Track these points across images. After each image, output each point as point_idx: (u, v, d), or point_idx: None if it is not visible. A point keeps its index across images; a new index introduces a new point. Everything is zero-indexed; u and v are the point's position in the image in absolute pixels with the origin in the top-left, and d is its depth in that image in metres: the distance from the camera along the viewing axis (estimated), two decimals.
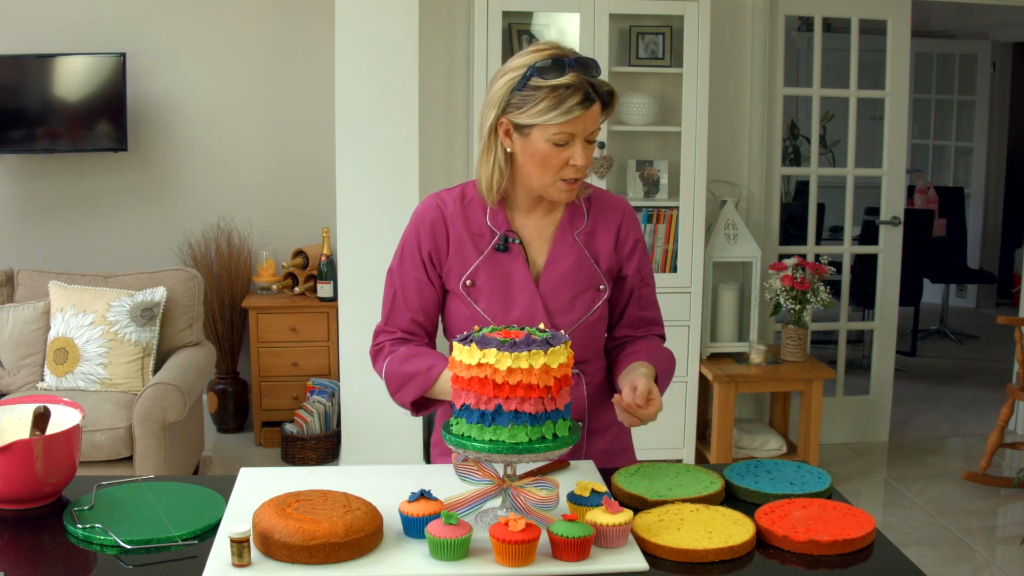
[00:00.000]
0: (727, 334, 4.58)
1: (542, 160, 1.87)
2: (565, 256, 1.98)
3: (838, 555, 1.62)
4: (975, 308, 8.26)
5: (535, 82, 1.83)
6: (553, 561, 1.57)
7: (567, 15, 4.33)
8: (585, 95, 1.82)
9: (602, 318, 2.03)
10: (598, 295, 2.00)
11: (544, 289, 1.96)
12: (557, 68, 1.82)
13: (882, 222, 5.04)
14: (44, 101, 4.72)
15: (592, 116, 1.85)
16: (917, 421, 5.47)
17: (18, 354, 3.98)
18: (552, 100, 1.82)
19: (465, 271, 1.97)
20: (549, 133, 1.84)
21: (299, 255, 4.97)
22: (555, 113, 1.81)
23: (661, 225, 4.39)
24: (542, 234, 2.00)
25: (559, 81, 1.81)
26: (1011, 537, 4.08)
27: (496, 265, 1.96)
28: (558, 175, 1.88)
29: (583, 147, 1.86)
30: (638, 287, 2.06)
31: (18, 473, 1.74)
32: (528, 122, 1.84)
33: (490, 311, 1.95)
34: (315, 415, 4.57)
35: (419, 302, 2.00)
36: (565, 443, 1.66)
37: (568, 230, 2.00)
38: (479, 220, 1.98)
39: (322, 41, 4.83)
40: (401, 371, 1.94)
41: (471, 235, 1.97)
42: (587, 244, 2.00)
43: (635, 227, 2.06)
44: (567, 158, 1.86)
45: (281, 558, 1.55)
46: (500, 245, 1.96)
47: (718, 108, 4.54)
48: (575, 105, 1.81)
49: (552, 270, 1.97)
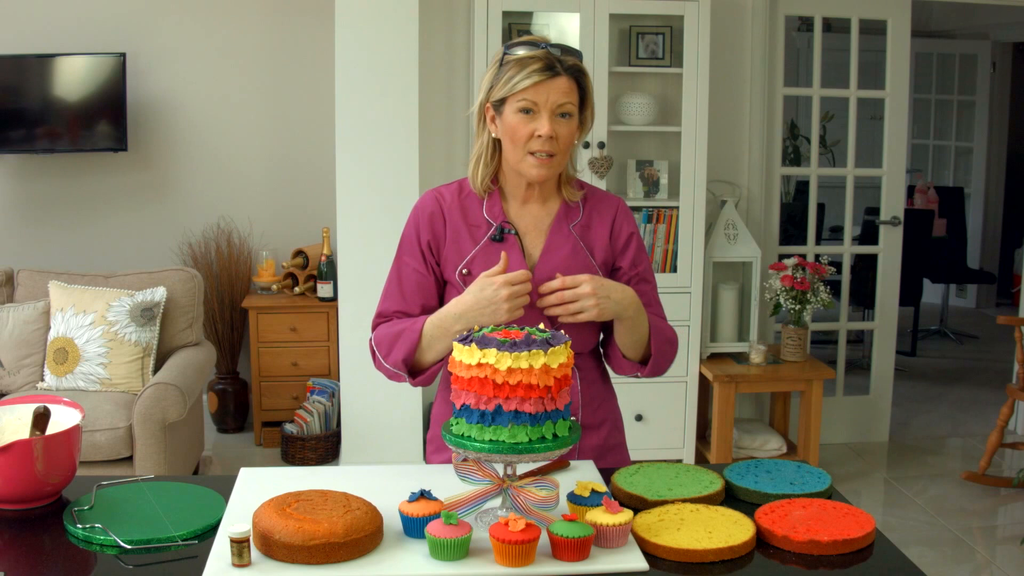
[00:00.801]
0: (727, 334, 4.58)
1: (512, 133, 1.93)
2: (561, 246, 2.01)
3: (838, 555, 1.62)
4: (975, 308, 8.26)
5: (506, 58, 1.94)
6: (553, 561, 1.57)
7: (567, 15, 4.33)
8: (548, 64, 1.90)
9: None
10: None
11: (539, 278, 1.97)
12: (528, 45, 1.93)
13: (882, 222, 5.04)
14: (44, 101, 4.72)
15: (557, 88, 1.90)
16: (917, 421, 5.47)
17: (18, 354, 3.98)
18: (516, 68, 1.91)
19: (461, 260, 1.99)
20: (516, 102, 1.91)
21: (299, 255, 4.97)
22: (517, 79, 1.90)
23: (661, 225, 4.39)
24: (538, 225, 2.03)
25: (525, 53, 1.92)
26: (1011, 537, 4.08)
27: (492, 255, 1.98)
28: (527, 148, 1.93)
29: (549, 118, 1.90)
30: (635, 282, 2.07)
31: (18, 473, 1.74)
32: (501, 95, 1.93)
33: None
34: (315, 415, 4.57)
35: (419, 295, 2.01)
36: (565, 443, 1.66)
37: (564, 222, 2.03)
38: (476, 212, 2.02)
39: (322, 41, 4.83)
40: (389, 333, 1.98)
41: (468, 226, 2.01)
42: (582, 236, 2.03)
43: (629, 222, 2.08)
44: (533, 129, 1.91)
45: (281, 558, 1.55)
46: (496, 235, 1.99)
47: (718, 108, 4.54)
48: (536, 71, 1.89)
49: (548, 260, 2.00)
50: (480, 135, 2.00)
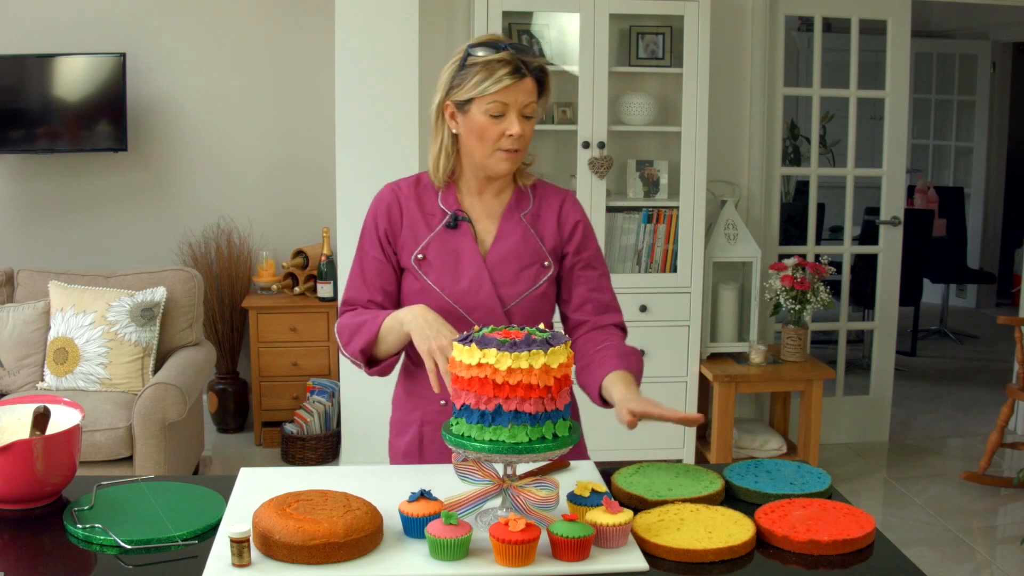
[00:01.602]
0: (727, 334, 4.58)
1: (480, 133, 1.99)
2: (512, 233, 2.09)
3: (838, 555, 1.62)
4: (975, 308, 8.26)
5: (471, 60, 1.98)
6: (553, 561, 1.57)
7: (567, 15, 4.33)
8: (515, 67, 1.96)
9: (546, 296, 2.11)
10: (543, 271, 2.09)
11: (491, 263, 2.06)
12: (491, 46, 1.98)
13: (882, 222, 5.04)
14: (44, 101, 4.72)
15: (524, 89, 1.97)
16: (917, 421, 5.47)
17: (18, 354, 3.98)
18: (485, 72, 1.96)
19: (417, 247, 2.08)
20: (485, 105, 1.97)
21: (299, 255, 4.97)
22: (488, 83, 1.95)
23: (661, 225, 4.39)
24: (491, 214, 2.11)
25: (492, 56, 1.96)
26: (1011, 537, 4.08)
27: (446, 241, 2.07)
28: (496, 146, 2.00)
29: (518, 119, 1.98)
30: (580, 267, 2.13)
31: (18, 473, 1.74)
32: (466, 97, 1.98)
33: (439, 282, 2.05)
34: (315, 415, 4.57)
35: (379, 281, 2.10)
36: (565, 443, 1.66)
37: (515, 211, 2.11)
38: (431, 201, 2.11)
39: (322, 41, 4.83)
40: (352, 323, 2.06)
41: (424, 215, 2.10)
42: (532, 223, 2.11)
43: (576, 210, 2.16)
44: (503, 129, 1.98)
45: (281, 558, 1.55)
46: (450, 223, 2.08)
47: (718, 108, 4.54)
48: (505, 75, 1.95)
49: (500, 246, 2.08)
50: (439, 131, 2.07)
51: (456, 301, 2.04)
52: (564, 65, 4.37)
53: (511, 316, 2.05)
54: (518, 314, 2.05)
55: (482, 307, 2.04)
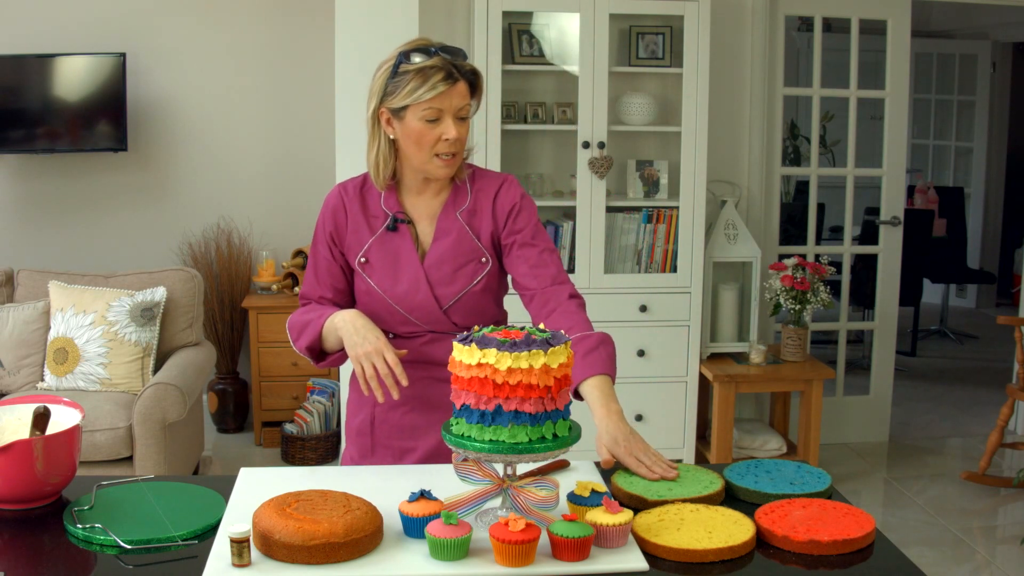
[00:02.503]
0: (727, 334, 4.58)
1: (417, 139, 2.03)
2: (448, 233, 2.12)
3: (838, 555, 1.62)
4: (975, 308, 8.26)
5: (403, 67, 2.01)
6: (553, 561, 1.57)
7: (567, 15, 4.33)
8: (448, 73, 1.99)
9: (488, 290, 2.14)
10: (480, 267, 2.12)
11: (428, 265, 2.10)
12: (422, 52, 2.01)
13: (882, 222, 5.04)
14: (44, 101, 4.72)
15: (458, 93, 2.01)
16: (917, 421, 5.47)
17: (18, 354, 3.98)
18: (419, 80, 1.99)
19: (360, 249, 2.13)
20: (420, 111, 2.00)
21: (299, 255, 4.97)
22: (422, 91, 1.98)
23: (661, 225, 4.39)
24: (431, 214, 2.14)
25: (424, 63, 1.99)
26: (1011, 537, 4.08)
27: (387, 243, 2.12)
28: (433, 151, 2.04)
29: (454, 123, 2.01)
30: (519, 247, 2.11)
31: (18, 473, 1.74)
32: (401, 104, 2.02)
33: (381, 285, 2.11)
34: (315, 415, 4.57)
35: (329, 279, 2.17)
36: (565, 443, 1.66)
37: (451, 209, 2.13)
38: (375, 203, 2.15)
39: (322, 41, 4.83)
40: (300, 320, 2.13)
41: (367, 217, 2.15)
42: (468, 221, 2.13)
43: (511, 194, 2.14)
44: (440, 134, 2.02)
45: (281, 558, 1.55)
46: (390, 225, 2.13)
47: (718, 108, 4.54)
48: (439, 81, 1.98)
49: (437, 247, 2.12)
50: (375, 136, 2.11)
51: (397, 303, 2.09)
52: (564, 65, 4.37)
53: (450, 315, 2.10)
54: (458, 312, 2.10)
55: (420, 308, 2.09)
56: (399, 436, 2.17)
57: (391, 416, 2.16)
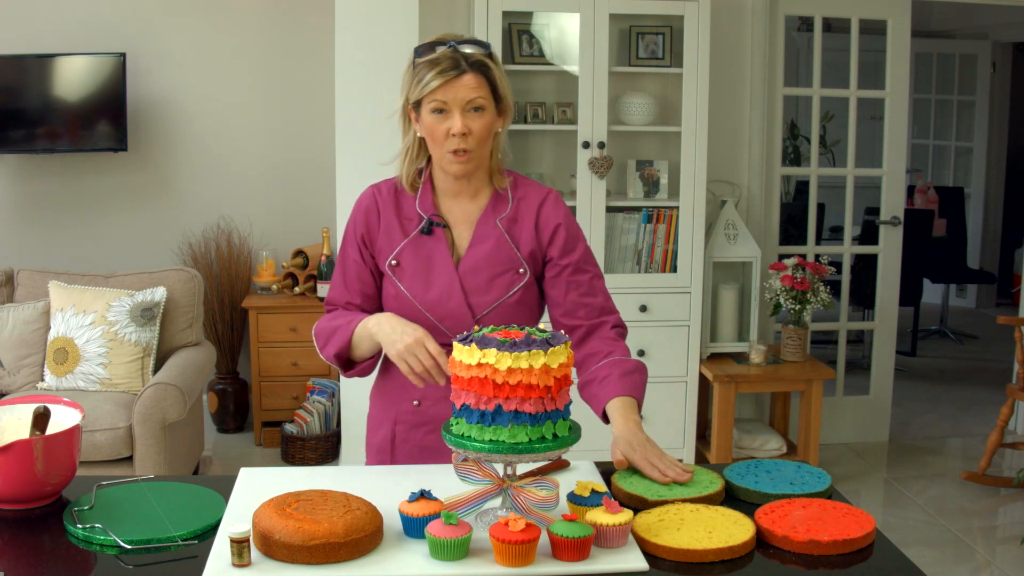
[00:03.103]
0: (727, 334, 4.58)
1: (430, 133, 1.99)
2: (486, 239, 2.06)
3: (838, 555, 1.62)
4: (975, 308, 8.26)
5: (417, 61, 2.00)
6: (553, 561, 1.57)
7: (567, 15, 4.33)
8: (453, 63, 1.95)
9: (523, 303, 2.07)
10: (518, 278, 2.06)
11: (463, 271, 2.04)
12: (432, 46, 1.99)
13: (882, 222, 5.04)
14: (44, 101, 4.72)
15: (464, 85, 1.96)
16: (917, 421, 5.47)
17: (18, 354, 3.98)
18: (424, 71, 1.97)
19: (392, 252, 2.07)
20: (428, 104, 1.97)
21: (299, 255, 4.97)
22: (425, 80, 1.96)
23: (661, 225, 4.39)
24: (467, 219, 2.08)
25: (431, 56, 1.97)
26: (1011, 537, 4.08)
27: (420, 247, 2.06)
28: (445, 147, 1.99)
29: (462, 116, 1.96)
30: (569, 273, 2.08)
31: (18, 473, 1.74)
32: (415, 98, 1.99)
33: (412, 289, 2.04)
34: (315, 415, 4.57)
35: (358, 285, 2.11)
36: (565, 443, 1.66)
37: (491, 215, 2.07)
38: (409, 206, 2.09)
39: (322, 41, 4.83)
40: (328, 326, 2.08)
41: (400, 219, 2.08)
42: (508, 229, 2.07)
43: (557, 212, 2.10)
44: (448, 127, 1.97)
45: (281, 558, 1.55)
46: (425, 228, 2.06)
47: (718, 108, 4.54)
48: (442, 71, 1.94)
49: (473, 253, 2.06)
50: (405, 133, 2.07)
51: (427, 309, 2.03)
52: (564, 65, 4.37)
53: (482, 325, 1.95)
54: (491, 323, 1.99)
55: (452, 316, 2.02)
56: (419, 456, 2.11)
57: (413, 436, 2.11)
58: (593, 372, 2.04)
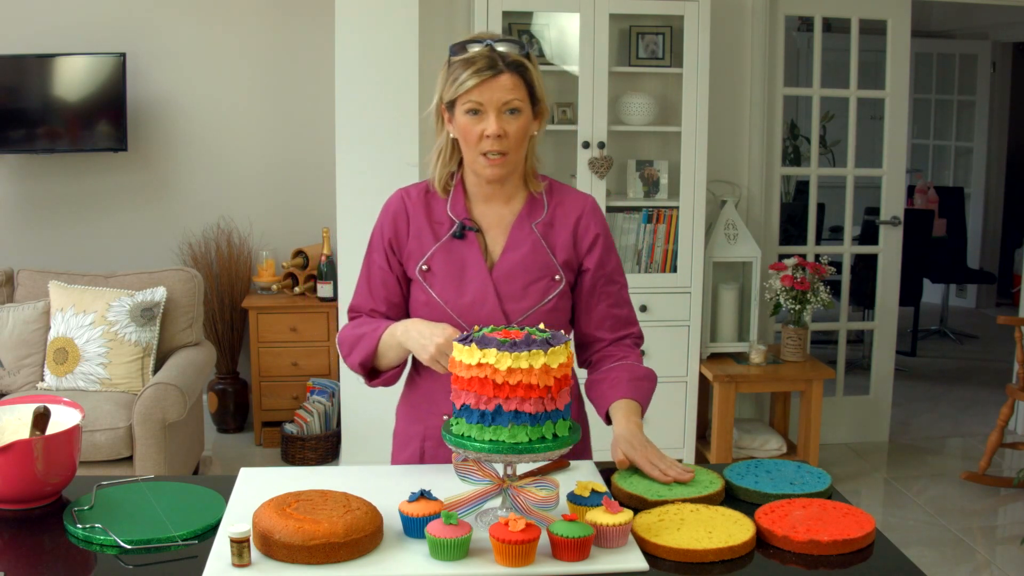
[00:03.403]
0: (727, 334, 4.58)
1: (464, 134, 1.94)
2: (521, 244, 2.00)
3: (838, 555, 1.62)
4: (975, 308, 8.26)
5: (452, 60, 1.94)
6: (553, 561, 1.57)
7: (567, 15, 4.33)
8: (489, 63, 1.89)
9: (558, 309, 2.02)
10: (553, 285, 2.01)
11: (497, 276, 1.98)
12: (469, 44, 1.93)
13: (882, 222, 5.04)
14: (44, 101, 4.72)
15: (500, 86, 1.90)
16: (917, 421, 5.47)
17: (18, 354, 3.98)
18: (460, 70, 1.91)
19: (423, 257, 2.01)
20: (463, 104, 1.91)
21: (299, 255, 4.97)
22: (460, 80, 1.90)
23: (661, 225, 4.39)
24: (501, 223, 2.03)
25: (467, 54, 1.92)
26: (1011, 537, 4.08)
27: (452, 252, 2.00)
28: (478, 148, 1.93)
29: (496, 117, 1.90)
30: (602, 283, 2.05)
31: (18, 473, 1.74)
32: (449, 98, 1.93)
33: (443, 295, 1.99)
34: (315, 415, 4.57)
35: (383, 291, 2.06)
36: (565, 443, 1.66)
37: (526, 220, 2.02)
38: (440, 209, 2.03)
39: (322, 41, 4.83)
40: (352, 334, 2.04)
41: (431, 223, 2.03)
42: (544, 235, 2.02)
43: (596, 222, 2.06)
44: (482, 129, 1.91)
45: (281, 558, 1.55)
46: (457, 232, 2.00)
47: (718, 108, 4.54)
48: (477, 71, 1.89)
49: (508, 258, 2.00)
50: (438, 134, 2.02)
51: (460, 315, 1.97)
52: (564, 65, 4.37)
53: None
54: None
55: (486, 323, 1.97)
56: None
57: (442, 452, 2.01)
58: (603, 373, 2.03)
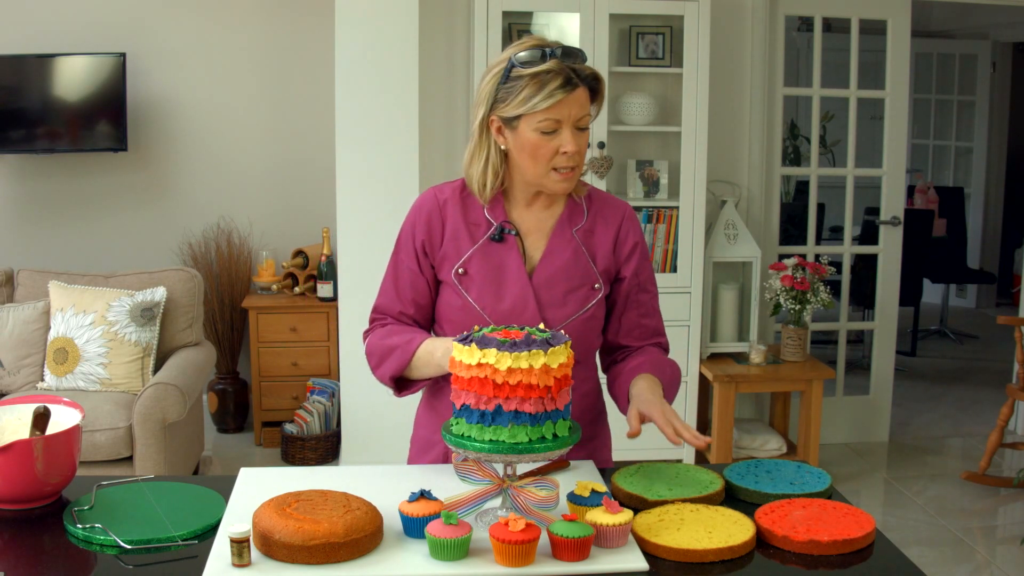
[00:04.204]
0: (727, 334, 4.58)
1: (532, 151, 1.85)
2: (562, 250, 1.95)
3: (838, 555, 1.62)
4: (975, 308, 8.26)
5: (516, 72, 1.83)
6: (553, 561, 1.57)
7: (567, 15, 4.33)
8: (566, 79, 1.81)
9: (595, 318, 1.99)
10: (593, 293, 1.97)
11: (537, 282, 1.93)
12: (537, 56, 1.82)
13: (882, 222, 5.04)
14: (44, 101, 4.72)
15: (577, 101, 1.83)
16: (917, 421, 5.47)
17: (18, 354, 3.98)
18: (534, 87, 1.81)
19: (459, 260, 1.94)
20: (535, 122, 1.82)
21: (299, 255, 4.97)
22: (538, 99, 1.80)
23: (661, 225, 4.39)
24: (540, 228, 1.97)
25: (539, 68, 1.81)
26: (1011, 537, 4.08)
27: (490, 255, 1.94)
28: (550, 164, 1.86)
29: (572, 133, 1.84)
30: (635, 292, 2.03)
31: (18, 473, 1.74)
32: (514, 113, 1.83)
33: (481, 301, 1.92)
34: (315, 415, 4.57)
35: (411, 294, 1.99)
36: (565, 443, 1.66)
37: (567, 225, 1.97)
38: (477, 211, 1.96)
39: (322, 41, 4.83)
40: (382, 345, 1.95)
41: (468, 225, 1.95)
42: (585, 241, 1.97)
43: (635, 229, 2.03)
44: (557, 146, 1.84)
45: (281, 558, 1.55)
46: (495, 235, 1.94)
47: (718, 108, 4.54)
48: (556, 89, 1.80)
49: (548, 264, 1.95)
50: (483, 146, 1.92)
51: (497, 321, 1.90)
52: None
53: None
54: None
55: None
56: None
57: None
58: (628, 361, 2.01)
